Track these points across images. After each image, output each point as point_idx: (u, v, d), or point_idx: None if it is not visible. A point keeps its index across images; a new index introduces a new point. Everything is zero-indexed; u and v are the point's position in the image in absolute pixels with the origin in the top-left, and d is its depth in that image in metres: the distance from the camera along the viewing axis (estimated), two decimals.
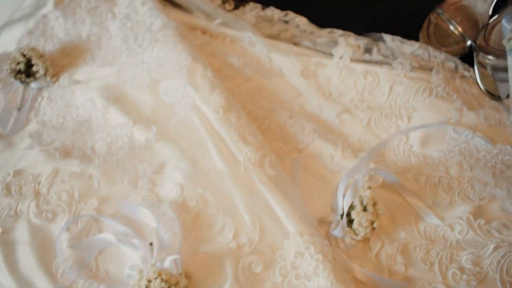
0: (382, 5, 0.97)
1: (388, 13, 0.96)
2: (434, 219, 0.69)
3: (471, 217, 0.68)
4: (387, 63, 0.85)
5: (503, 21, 0.78)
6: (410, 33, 0.90)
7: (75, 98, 0.86)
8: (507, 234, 0.66)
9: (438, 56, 0.85)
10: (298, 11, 0.96)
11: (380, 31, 0.89)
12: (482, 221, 0.68)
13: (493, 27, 0.83)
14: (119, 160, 0.76)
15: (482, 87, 0.83)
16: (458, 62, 0.86)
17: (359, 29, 0.91)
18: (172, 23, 0.87)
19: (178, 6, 0.97)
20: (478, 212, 0.69)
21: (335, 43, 0.88)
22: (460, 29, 0.87)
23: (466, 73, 0.85)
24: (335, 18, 0.95)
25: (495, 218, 0.69)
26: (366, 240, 0.68)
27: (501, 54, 0.79)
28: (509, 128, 0.78)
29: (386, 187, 0.73)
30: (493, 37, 0.82)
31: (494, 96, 0.82)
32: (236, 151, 0.72)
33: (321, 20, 0.95)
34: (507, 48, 0.76)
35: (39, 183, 0.74)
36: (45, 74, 0.87)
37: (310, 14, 0.96)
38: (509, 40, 0.75)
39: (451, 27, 0.88)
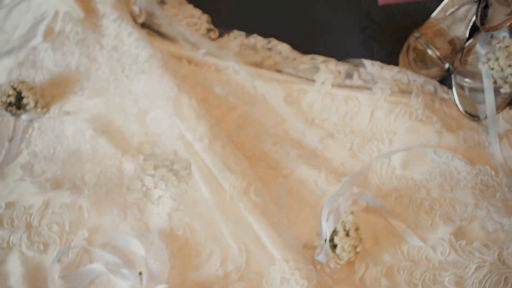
0: (367, 28, 0.99)
1: (373, 35, 0.97)
2: (417, 240, 0.70)
3: (453, 238, 0.70)
4: (367, 88, 0.86)
5: (477, 46, 0.79)
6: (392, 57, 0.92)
7: (65, 129, 0.87)
8: (487, 254, 0.68)
9: (417, 79, 0.86)
10: (282, 37, 0.97)
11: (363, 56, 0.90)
12: (464, 242, 0.69)
13: (469, 50, 0.84)
14: (108, 191, 0.78)
15: (461, 108, 0.84)
16: (437, 84, 0.86)
17: (343, 55, 0.92)
18: (158, 54, 0.89)
19: (164, 35, 0.98)
20: (459, 233, 0.71)
21: (316, 69, 0.90)
22: (438, 52, 0.88)
23: (445, 96, 0.86)
24: (318, 42, 0.96)
25: (476, 238, 0.70)
26: (350, 263, 0.69)
27: (477, 76, 0.80)
28: (488, 149, 0.79)
29: (371, 210, 0.74)
30: (470, 60, 0.83)
31: (473, 117, 0.83)
32: (221, 180, 0.74)
33: (305, 45, 0.95)
34: (483, 71, 0.78)
35: (30, 215, 0.75)
36: (35, 106, 0.88)
37: (294, 40, 0.96)
38: (484, 63, 0.77)
39: (429, 51, 0.88)
